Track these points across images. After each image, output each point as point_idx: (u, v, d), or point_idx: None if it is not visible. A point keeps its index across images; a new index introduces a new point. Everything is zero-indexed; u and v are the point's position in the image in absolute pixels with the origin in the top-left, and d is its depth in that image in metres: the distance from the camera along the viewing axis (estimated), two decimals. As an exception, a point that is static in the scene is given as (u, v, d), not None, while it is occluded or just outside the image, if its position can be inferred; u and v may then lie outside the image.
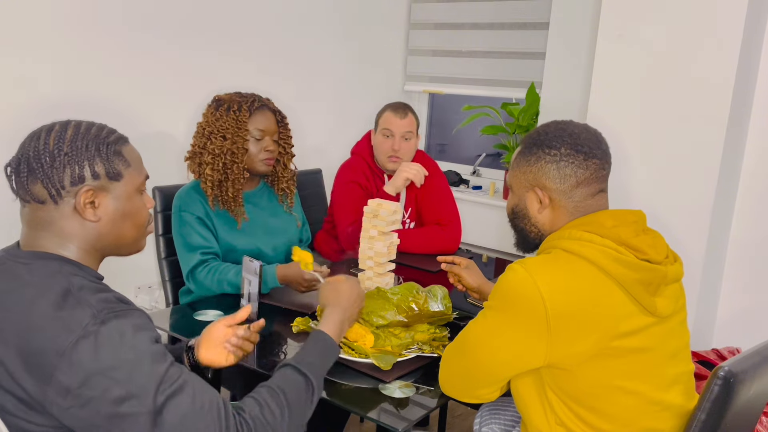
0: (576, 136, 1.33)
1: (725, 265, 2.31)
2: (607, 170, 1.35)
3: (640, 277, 1.23)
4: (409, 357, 1.55)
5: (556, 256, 1.26)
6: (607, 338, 1.21)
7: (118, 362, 1.01)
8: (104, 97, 2.33)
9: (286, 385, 1.18)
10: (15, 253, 1.13)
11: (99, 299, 1.05)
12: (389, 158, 2.52)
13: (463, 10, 3.33)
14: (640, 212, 1.35)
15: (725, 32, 2.05)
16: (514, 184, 1.41)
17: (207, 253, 1.99)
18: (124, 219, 1.18)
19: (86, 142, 1.12)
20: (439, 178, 2.67)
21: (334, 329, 1.35)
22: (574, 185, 1.31)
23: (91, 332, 1.00)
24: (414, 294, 1.65)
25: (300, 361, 1.23)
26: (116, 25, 2.33)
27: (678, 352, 1.33)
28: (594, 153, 1.32)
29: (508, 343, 1.24)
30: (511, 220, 1.45)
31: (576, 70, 2.83)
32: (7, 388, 1.05)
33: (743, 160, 2.24)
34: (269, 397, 1.15)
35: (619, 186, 2.29)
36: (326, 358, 1.29)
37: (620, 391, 1.24)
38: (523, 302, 1.21)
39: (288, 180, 2.20)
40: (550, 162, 1.32)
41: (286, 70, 2.95)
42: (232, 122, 2.01)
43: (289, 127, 2.15)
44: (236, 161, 2.01)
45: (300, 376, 1.21)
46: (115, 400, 1.00)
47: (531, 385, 1.29)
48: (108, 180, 1.14)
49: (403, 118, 2.51)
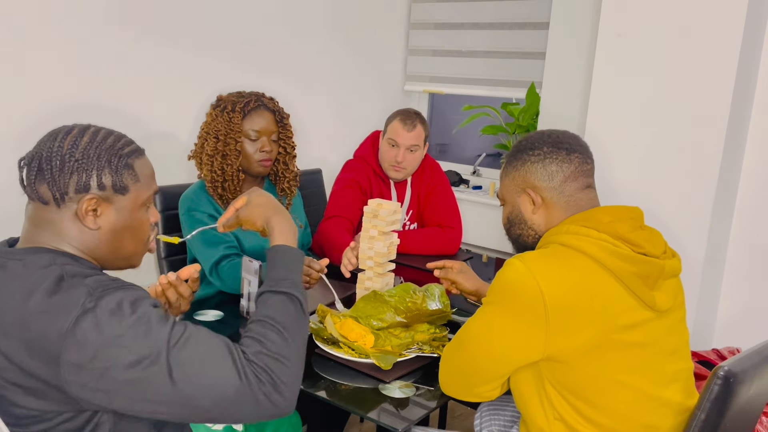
0: (555, 136, 1.40)
1: (725, 265, 2.31)
2: (590, 165, 1.39)
3: (638, 270, 1.24)
4: (409, 357, 1.56)
5: (554, 250, 1.28)
6: (605, 331, 1.22)
7: (122, 329, 1.02)
8: (105, 97, 2.33)
9: (272, 310, 1.16)
10: (6, 251, 1.14)
11: (93, 280, 1.07)
12: (392, 167, 2.51)
13: (463, 10, 3.33)
14: (637, 209, 1.36)
15: (725, 32, 2.05)
16: (506, 194, 1.45)
17: (231, 247, 1.98)
18: (123, 231, 1.18)
19: (99, 151, 1.13)
20: (443, 182, 2.67)
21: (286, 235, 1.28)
22: (562, 180, 1.35)
23: (89, 308, 1.02)
24: (411, 294, 1.66)
25: (272, 284, 1.20)
26: (119, 25, 2.33)
27: (677, 350, 1.33)
28: (574, 148, 1.37)
29: (507, 336, 1.25)
30: (508, 230, 1.47)
31: (576, 70, 2.83)
32: (15, 381, 1.05)
33: (743, 160, 2.24)
34: (262, 329, 1.13)
35: (619, 185, 2.30)
36: (294, 267, 1.24)
37: (619, 385, 1.24)
38: (521, 295, 1.22)
39: (290, 180, 2.18)
40: (535, 162, 1.37)
41: (285, 70, 2.95)
42: (225, 123, 2.00)
43: (290, 126, 2.14)
44: (228, 162, 2.00)
45: (279, 296, 1.18)
46: (130, 365, 1.01)
47: (530, 380, 1.30)
48: (113, 192, 1.15)
49: (410, 131, 2.46)
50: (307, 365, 1.55)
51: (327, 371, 1.51)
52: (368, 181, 2.56)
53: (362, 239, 1.90)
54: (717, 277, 2.30)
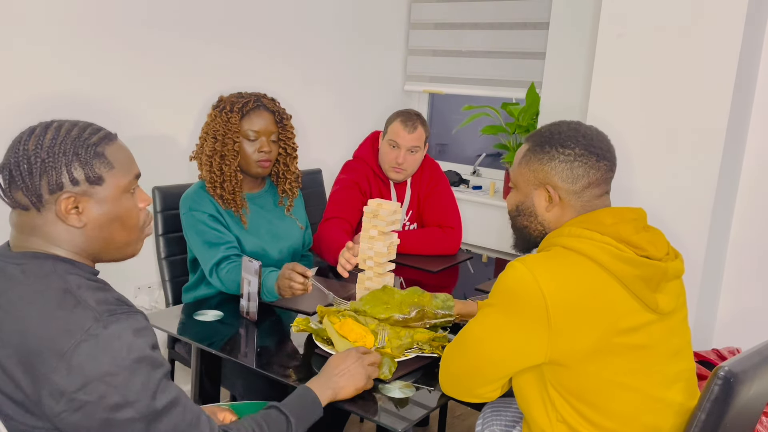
0: (589, 138, 1.34)
1: (725, 265, 2.31)
2: (613, 173, 1.36)
3: (641, 273, 1.23)
4: (409, 357, 1.56)
5: (556, 253, 1.27)
6: (608, 334, 1.21)
7: (116, 368, 0.99)
8: (105, 97, 2.33)
9: (269, 421, 1.23)
10: (5, 253, 1.11)
11: (98, 300, 1.04)
12: (393, 168, 2.50)
13: (463, 10, 3.33)
14: (641, 210, 1.35)
15: (725, 32, 2.04)
16: (521, 182, 1.39)
17: (231, 247, 1.98)
18: (111, 222, 1.13)
19: (64, 146, 1.07)
20: (442, 182, 2.67)
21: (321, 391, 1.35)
22: (585, 185, 1.32)
23: (93, 336, 0.99)
24: (420, 293, 1.69)
25: (284, 404, 1.28)
26: (118, 25, 2.33)
27: (680, 351, 1.33)
28: (605, 155, 1.34)
29: (509, 339, 1.25)
30: (514, 218, 1.43)
31: (576, 70, 2.83)
32: (5, 392, 1.03)
33: (743, 160, 2.24)
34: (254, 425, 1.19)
35: (619, 186, 2.29)
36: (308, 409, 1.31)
37: (621, 387, 1.24)
38: (523, 298, 1.21)
39: (291, 182, 2.18)
40: (564, 161, 1.32)
41: (285, 70, 2.94)
42: (223, 124, 2.00)
43: (291, 127, 2.13)
44: (226, 163, 2.00)
45: (282, 416, 1.25)
46: (112, 407, 1.00)
47: (532, 382, 1.29)
48: (89, 185, 1.09)
49: (411, 132, 2.45)
50: (307, 365, 1.55)
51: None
52: (367, 182, 2.55)
53: (362, 239, 1.90)
54: (717, 277, 2.30)
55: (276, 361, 1.56)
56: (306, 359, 1.58)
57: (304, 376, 1.49)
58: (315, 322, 1.66)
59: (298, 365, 1.56)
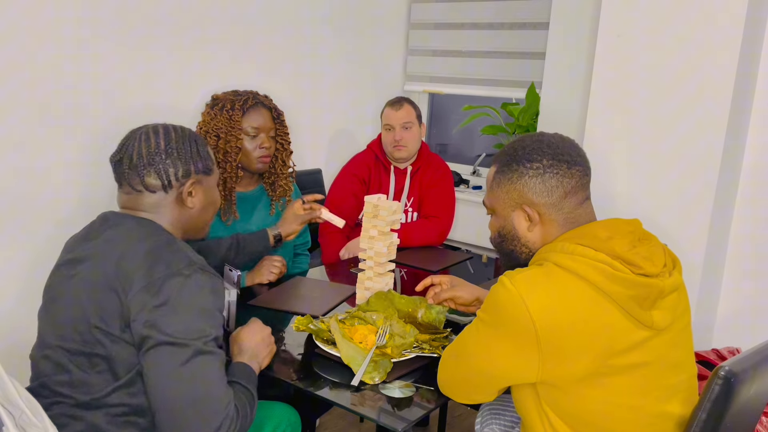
0: (555, 146, 1.28)
1: (725, 265, 2.31)
2: (589, 176, 1.31)
3: (635, 294, 1.18)
4: (409, 357, 1.56)
5: (548, 270, 1.20)
6: (603, 357, 1.17)
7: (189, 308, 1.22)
8: (104, 96, 2.33)
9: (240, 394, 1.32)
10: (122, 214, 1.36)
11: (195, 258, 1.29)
12: (394, 148, 2.70)
13: (463, 10, 3.32)
14: (636, 221, 1.30)
15: (725, 32, 2.04)
16: (497, 206, 1.34)
17: None
18: (208, 206, 1.45)
19: (188, 142, 1.38)
20: (447, 179, 2.80)
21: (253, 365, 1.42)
22: (561, 196, 1.26)
23: (184, 274, 1.23)
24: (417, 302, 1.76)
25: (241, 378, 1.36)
26: (117, 24, 2.33)
27: (681, 362, 1.29)
28: (575, 161, 1.28)
29: (501, 357, 1.21)
30: (498, 244, 1.37)
31: (576, 70, 2.83)
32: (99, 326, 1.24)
33: (743, 160, 2.24)
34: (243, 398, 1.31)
35: (619, 185, 2.29)
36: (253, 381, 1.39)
37: (619, 407, 1.20)
38: (511, 320, 1.17)
39: (287, 176, 2.20)
40: (534, 176, 1.26)
41: (285, 70, 2.94)
42: (226, 121, 2.02)
43: (285, 123, 2.17)
44: (229, 160, 2.03)
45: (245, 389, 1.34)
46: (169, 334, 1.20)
47: (528, 398, 1.26)
48: (203, 174, 1.41)
49: (398, 110, 2.69)
50: (308, 365, 1.55)
51: (327, 371, 1.50)
52: (368, 169, 2.73)
53: (362, 239, 1.90)
54: (717, 277, 2.30)
55: (276, 361, 1.56)
56: (306, 359, 1.58)
57: (304, 375, 1.49)
58: (315, 322, 1.66)
59: (298, 365, 1.56)
